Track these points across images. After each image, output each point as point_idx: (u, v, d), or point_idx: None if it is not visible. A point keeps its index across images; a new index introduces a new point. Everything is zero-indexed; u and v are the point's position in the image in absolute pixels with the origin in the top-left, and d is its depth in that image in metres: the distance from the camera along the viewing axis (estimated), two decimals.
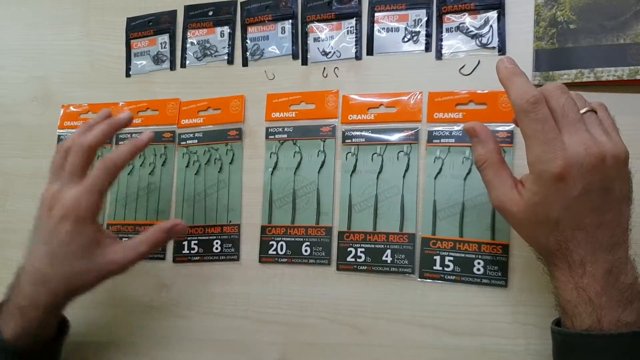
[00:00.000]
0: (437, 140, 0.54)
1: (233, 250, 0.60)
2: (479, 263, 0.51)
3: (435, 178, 0.54)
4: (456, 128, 0.54)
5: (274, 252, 0.58)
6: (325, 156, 0.58)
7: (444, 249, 0.52)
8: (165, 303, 0.60)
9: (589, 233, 0.38)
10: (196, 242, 0.61)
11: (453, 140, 0.54)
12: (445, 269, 0.52)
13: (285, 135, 0.60)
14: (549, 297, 0.42)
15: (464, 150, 0.53)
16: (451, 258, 0.52)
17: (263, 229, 0.59)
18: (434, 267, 0.52)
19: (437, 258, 0.52)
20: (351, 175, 0.57)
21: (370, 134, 0.57)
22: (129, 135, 0.66)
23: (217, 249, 0.60)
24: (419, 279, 0.53)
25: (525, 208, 0.39)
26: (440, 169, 0.54)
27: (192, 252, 0.61)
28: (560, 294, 0.40)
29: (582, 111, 0.39)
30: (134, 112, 0.67)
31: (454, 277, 0.52)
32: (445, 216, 0.53)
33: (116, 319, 0.61)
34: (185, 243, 0.61)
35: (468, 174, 0.53)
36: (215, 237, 0.61)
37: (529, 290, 0.50)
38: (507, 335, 0.50)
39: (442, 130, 0.54)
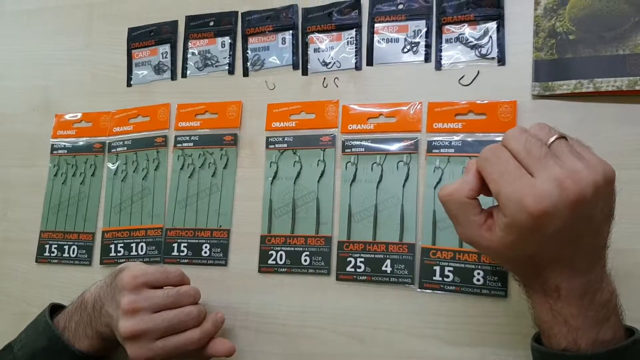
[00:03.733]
0: (437, 150, 0.54)
1: (222, 255, 0.60)
2: (478, 273, 0.51)
3: (435, 188, 0.54)
4: (456, 138, 0.54)
5: (274, 262, 0.58)
6: (325, 166, 0.58)
7: (444, 259, 0.52)
8: None
9: (566, 262, 0.36)
10: (186, 244, 0.61)
11: (453, 150, 0.54)
12: (445, 279, 0.52)
13: (285, 145, 0.60)
14: None
15: (463, 160, 0.53)
16: (451, 268, 0.52)
17: (263, 238, 0.59)
18: (434, 278, 0.52)
19: (437, 268, 0.52)
20: (351, 185, 0.57)
21: (370, 144, 0.57)
22: (120, 142, 0.67)
23: (205, 252, 0.60)
24: (418, 289, 0.53)
25: (498, 245, 0.37)
26: (440, 179, 0.54)
27: (181, 254, 0.61)
28: (537, 314, 0.39)
29: (550, 140, 0.36)
30: (126, 120, 0.67)
31: (453, 288, 0.52)
32: (445, 226, 0.53)
33: None
34: (175, 245, 0.61)
35: None
36: (204, 241, 0.61)
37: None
38: (507, 345, 0.49)
39: (441, 140, 0.54)
